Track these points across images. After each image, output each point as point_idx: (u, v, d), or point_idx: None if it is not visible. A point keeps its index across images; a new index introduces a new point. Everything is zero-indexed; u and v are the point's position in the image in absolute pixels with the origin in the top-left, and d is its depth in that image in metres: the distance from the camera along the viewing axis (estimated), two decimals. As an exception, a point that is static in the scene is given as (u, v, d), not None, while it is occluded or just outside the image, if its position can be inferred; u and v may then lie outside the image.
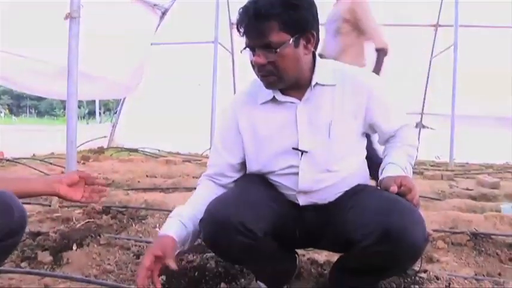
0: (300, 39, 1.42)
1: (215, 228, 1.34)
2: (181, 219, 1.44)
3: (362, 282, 1.49)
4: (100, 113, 17.89)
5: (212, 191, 1.54)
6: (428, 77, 7.47)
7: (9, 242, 1.13)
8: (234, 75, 8.05)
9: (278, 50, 1.39)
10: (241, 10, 1.40)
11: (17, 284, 1.69)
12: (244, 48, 1.45)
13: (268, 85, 1.49)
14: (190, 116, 7.25)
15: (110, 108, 17.95)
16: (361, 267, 1.42)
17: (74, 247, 2.10)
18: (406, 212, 1.28)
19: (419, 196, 1.41)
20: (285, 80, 1.46)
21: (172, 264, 1.33)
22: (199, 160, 5.97)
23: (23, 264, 1.92)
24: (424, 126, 7.48)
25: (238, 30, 1.43)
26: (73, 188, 1.38)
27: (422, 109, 7.65)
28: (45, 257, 1.99)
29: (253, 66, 1.46)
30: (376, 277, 1.49)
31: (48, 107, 41.31)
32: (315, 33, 1.45)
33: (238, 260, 1.50)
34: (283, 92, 1.53)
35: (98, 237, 2.21)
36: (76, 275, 1.83)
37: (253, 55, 1.43)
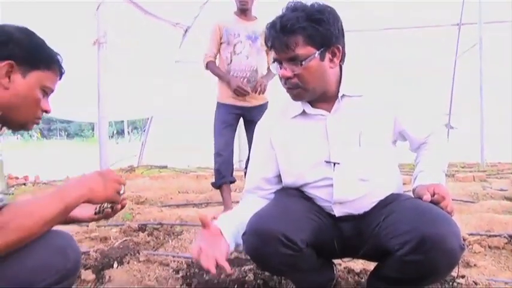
0: (325, 53, 1.46)
1: (258, 240, 1.38)
2: (239, 230, 1.48)
3: None
4: (128, 132, 18.23)
5: (254, 204, 1.57)
6: (454, 77, 7.35)
7: (65, 283, 1.16)
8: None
9: (304, 63, 1.44)
10: (268, 25, 1.47)
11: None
12: (273, 62, 1.51)
13: (295, 97, 1.54)
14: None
15: (137, 126, 18.27)
16: (398, 276, 1.43)
17: (115, 265, 2.17)
18: (440, 220, 1.29)
19: (452, 200, 1.42)
20: (310, 93, 1.51)
21: (225, 265, 1.37)
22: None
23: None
24: (452, 127, 7.36)
25: (266, 45, 1.48)
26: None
27: (450, 110, 7.52)
28: (88, 275, 2.06)
29: (280, 79, 1.51)
30: (413, 285, 1.49)
31: (77, 128, 42.36)
32: (340, 47, 1.49)
33: (280, 271, 1.54)
34: (313, 104, 1.57)
35: (137, 254, 2.28)
36: (119, 292, 1.90)
37: (280, 68, 1.48)
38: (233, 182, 3.50)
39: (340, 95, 1.54)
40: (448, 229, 1.28)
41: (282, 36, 1.42)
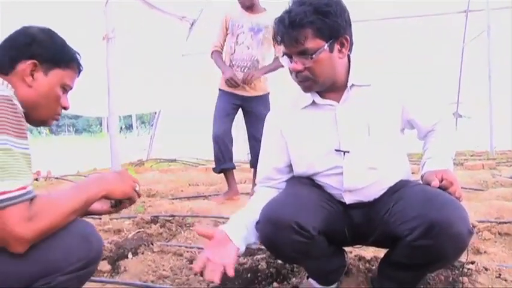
0: (334, 44, 1.49)
1: (272, 228, 1.42)
2: (249, 230, 1.54)
3: (409, 276, 1.54)
4: (136, 126, 18.36)
5: (266, 196, 1.60)
6: (461, 65, 7.30)
7: (90, 269, 1.23)
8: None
9: (314, 55, 1.46)
10: (277, 20, 1.49)
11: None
12: (282, 56, 1.53)
13: (306, 89, 1.56)
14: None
15: (145, 121, 18.38)
16: (407, 262, 1.46)
17: (130, 256, 2.21)
18: (448, 205, 1.32)
19: (461, 188, 1.44)
20: (321, 84, 1.53)
21: (232, 273, 1.45)
22: (238, 166, 6.07)
23: (84, 274, 2.05)
24: (460, 116, 7.33)
25: (276, 40, 1.51)
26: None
27: (458, 98, 7.48)
28: (104, 266, 2.11)
29: (290, 72, 1.54)
30: (423, 271, 1.53)
31: (85, 124, 42.58)
32: (348, 38, 1.51)
33: (293, 259, 1.57)
34: (322, 95, 1.60)
35: (151, 245, 2.33)
36: (134, 281, 1.95)
37: (291, 62, 1.51)
38: (233, 168, 3.65)
39: (349, 84, 1.56)
40: (456, 214, 1.30)
41: (291, 31, 1.45)
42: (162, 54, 7.25)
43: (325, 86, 1.55)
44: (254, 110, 3.54)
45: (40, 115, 1.29)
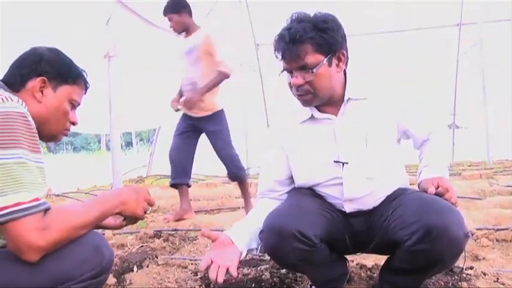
0: (332, 59, 1.56)
1: (275, 237, 1.48)
2: (251, 236, 1.62)
3: (410, 281, 1.58)
4: (136, 142, 18.43)
5: (268, 206, 1.66)
6: (456, 77, 7.41)
7: (101, 278, 1.27)
8: (263, 95, 8.19)
9: (314, 70, 1.53)
10: (277, 37, 1.56)
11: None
12: (282, 72, 1.60)
13: (305, 103, 1.63)
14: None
15: (143, 138, 18.47)
16: (407, 267, 1.51)
17: (135, 269, 2.25)
18: (444, 210, 1.38)
19: (459, 197, 1.50)
20: (320, 97, 1.60)
21: (235, 274, 1.53)
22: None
23: None
24: (457, 127, 7.41)
25: (276, 56, 1.58)
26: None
27: (454, 109, 7.57)
28: (110, 279, 2.13)
29: (290, 87, 1.60)
30: (422, 275, 1.58)
31: (84, 142, 42.56)
32: (345, 53, 1.58)
33: (296, 266, 1.62)
34: (320, 109, 1.66)
35: (156, 258, 2.36)
36: (140, 294, 1.98)
37: (291, 77, 1.57)
38: (184, 184, 3.69)
39: (346, 98, 1.63)
40: (452, 218, 1.36)
41: (291, 46, 1.52)
42: (161, 72, 7.32)
43: (323, 100, 1.61)
44: (206, 129, 3.66)
45: (50, 130, 1.35)
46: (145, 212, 1.39)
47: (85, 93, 1.45)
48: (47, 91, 1.32)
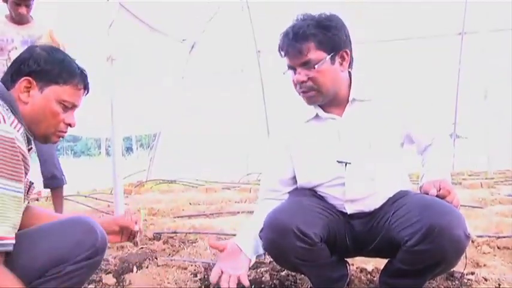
0: (335, 57, 1.57)
1: (274, 235, 1.49)
2: (257, 241, 1.62)
3: (410, 283, 1.58)
4: (137, 147, 18.43)
5: (270, 207, 1.65)
6: (458, 86, 7.40)
7: (96, 259, 1.28)
8: (264, 102, 8.20)
9: (316, 66, 1.54)
10: (281, 35, 1.59)
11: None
12: (287, 70, 1.61)
13: (309, 100, 1.63)
14: (225, 144, 7.44)
15: (143, 143, 18.49)
16: (407, 268, 1.51)
17: (134, 269, 2.24)
18: (446, 211, 1.38)
19: (460, 205, 1.50)
20: (324, 95, 1.60)
21: (247, 283, 1.56)
22: (238, 187, 6.11)
23: (90, 287, 2.07)
24: (458, 136, 7.40)
25: (280, 53, 1.58)
26: (113, 234, 1.54)
27: (455, 119, 7.56)
28: (109, 279, 2.13)
29: (295, 85, 1.61)
30: (423, 277, 1.57)
31: (84, 147, 42.49)
32: (348, 52, 1.59)
33: (296, 265, 1.60)
34: (325, 109, 1.67)
35: (155, 259, 2.36)
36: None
37: (295, 74, 1.58)
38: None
39: (350, 99, 1.63)
40: (453, 218, 1.37)
41: (294, 43, 1.54)
42: (162, 76, 7.35)
43: (327, 98, 1.62)
44: None
45: (39, 131, 1.31)
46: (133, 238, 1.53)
47: (85, 94, 1.40)
48: (34, 92, 1.28)
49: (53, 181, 3.44)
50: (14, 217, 1.12)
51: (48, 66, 1.29)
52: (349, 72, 1.67)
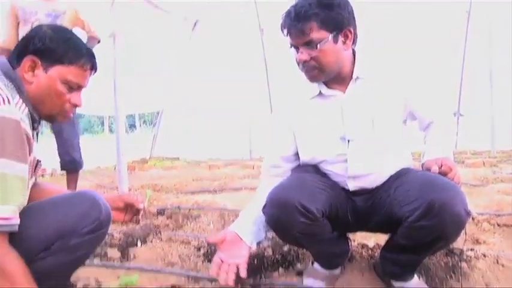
0: (338, 36, 1.56)
1: (277, 210, 1.51)
2: (259, 225, 1.65)
3: (410, 258, 1.61)
4: (140, 124, 18.50)
5: (271, 186, 1.64)
6: (463, 64, 7.31)
7: (100, 232, 1.30)
8: (267, 79, 8.16)
9: (318, 46, 1.53)
10: (284, 14, 1.57)
11: (94, 276, 1.87)
12: (290, 48, 1.60)
13: (312, 78, 1.63)
14: (229, 122, 7.45)
15: (146, 120, 18.54)
16: (408, 244, 1.53)
17: (139, 244, 2.28)
18: (447, 188, 1.39)
19: (462, 183, 1.51)
20: (326, 73, 1.60)
21: (244, 274, 1.58)
22: (240, 162, 6.15)
23: (95, 260, 2.11)
24: (461, 115, 7.36)
25: (283, 32, 1.58)
26: (117, 211, 1.54)
27: (459, 97, 7.50)
28: (114, 253, 2.17)
29: (298, 63, 1.60)
30: (423, 253, 1.60)
31: (87, 124, 42.56)
32: (352, 30, 1.58)
33: (298, 239, 1.63)
34: (328, 86, 1.67)
35: (159, 234, 2.39)
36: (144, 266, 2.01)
37: (297, 53, 1.58)
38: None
39: (354, 76, 1.63)
40: (454, 195, 1.38)
41: (296, 23, 1.52)
42: (164, 54, 7.31)
43: (330, 76, 1.62)
44: None
45: (44, 111, 1.30)
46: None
47: (92, 74, 1.37)
48: (38, 71, 1.25)
49: (72, 164, 3.47)
50: (19, 198, 1.13)
51: (53, 45, 1.26)
52: (353, 50, 1.66)
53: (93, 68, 1.36)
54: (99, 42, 3.50)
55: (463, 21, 6.97)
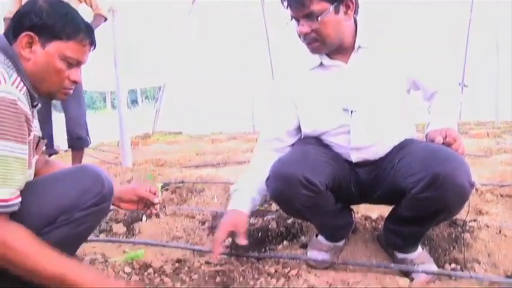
0: (339, 6, 1.53)
1: (281, 183, 1.50)
2: (251, 194, 1.68)
3: (414, 230, 1.62)
4: (142, 100, 18.43)
5: (271, 158, 1.64)
6: (468, 35, 7.22)
7: (104, 206, 1.31)
8: (269, 50, 8.07)
9: (319, 18, 1.50)
10: None
11: (100, 251, 1.89)
12: (291, 20, 1.57)
13: (313, 50, 1.61)
14: (231, 96, 7.42)
15: (149, 95, 18.47)
16: (412, 215, 1.54)
17: (144, 218, 2.29)
18: (451, 159, 1.39)
19: (466, 154, 1.50)
20: (328, 45, 1.58)
21: (243, 241, 1.61)
22: (243, 135, 6.15)
23: (101, 236, 2.13)
24: (466, 85, 7.30)
25: (283, 4, 1.54)
26: (130, 203, 1.56)
27: (464, 68, 7.43)
28: (120, 228, 2.19)
29: (299, 35, 1.58)
30: (426, 224, 1.60)
31: (89, 100, 42.52)
32: (354, 0, 1.54)
33: (301, 212, 1.63)
34: (330, 56, 1.64)
35: (164, 208, 2.41)
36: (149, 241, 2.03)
37: (298, 25, 1.55)
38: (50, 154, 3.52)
39: (356, 46, 1.60)
40: (458, 166, 1.37)
41: None
42: (165, 28, 7.22)
43: (332, 47, 1.59)
44: None
45: (43, 88, 1.27)
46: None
47: (92, 50, 1.33)
48: (36, 47, 1.21)
49: (78, 141, 3.52)
50: (18, 179, 1.12)
51: (50, 20, 1.20)
52: (355, 19, 1.62)
53: (92, 43, 1.32)
54: (105, 20, 3.46)
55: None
